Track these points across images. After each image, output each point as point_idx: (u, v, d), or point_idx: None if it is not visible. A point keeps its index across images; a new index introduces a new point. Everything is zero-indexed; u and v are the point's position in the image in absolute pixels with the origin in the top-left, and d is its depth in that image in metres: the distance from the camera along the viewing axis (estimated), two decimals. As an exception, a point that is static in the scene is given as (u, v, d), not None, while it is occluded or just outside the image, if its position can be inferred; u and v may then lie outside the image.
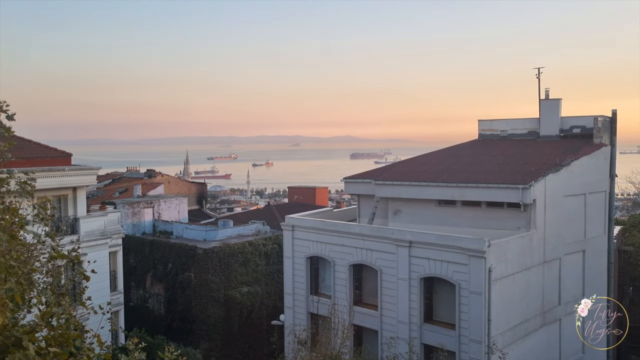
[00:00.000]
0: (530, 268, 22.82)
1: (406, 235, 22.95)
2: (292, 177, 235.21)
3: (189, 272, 34.13)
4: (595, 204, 26.19)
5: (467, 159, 27.98)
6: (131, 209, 38.90)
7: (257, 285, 35.03)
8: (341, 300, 24.55)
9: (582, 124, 27.75)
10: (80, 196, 27.25)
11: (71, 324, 6.29)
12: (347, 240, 24.89)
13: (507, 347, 20.99)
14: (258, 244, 35.77)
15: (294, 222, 27.37)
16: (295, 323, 25.32)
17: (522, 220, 23.24)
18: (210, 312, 33.31)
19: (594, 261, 26.26)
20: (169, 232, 38.68)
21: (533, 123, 29.22)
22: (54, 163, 26.11)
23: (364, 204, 28.59)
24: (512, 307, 21.91)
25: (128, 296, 35.37)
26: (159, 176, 51.16)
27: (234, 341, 34.08)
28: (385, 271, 23.56)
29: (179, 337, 32.45)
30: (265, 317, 34.57)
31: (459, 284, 21.17)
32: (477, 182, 23.95)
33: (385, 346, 21.93)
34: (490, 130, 30.80)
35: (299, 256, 26.96)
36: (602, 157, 26.39)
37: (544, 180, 23.12)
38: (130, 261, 36.61)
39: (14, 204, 5.66)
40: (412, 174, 26.91)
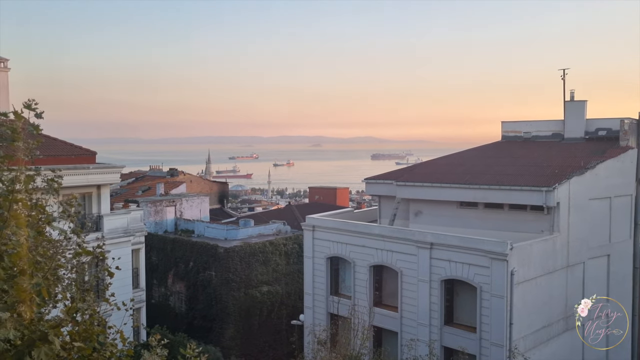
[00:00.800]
0: (553, 272, 22.49)
1: (427, 236, 22.81)
2: (313, 177, 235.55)
3: (210, 271, 34.43)
4: (620, 207, 25.67)
5: (490, 161, 27.68)
6: (154, 207, 39.39)
7: (277, 285, 35.16)
8: (361, 301, 24.52)
9: (608, 126, 27.24)
10: (104, 194, 27.68)
11: (95, 320, 6.41)
12: (368, 241, 24.84)
13: (528, 351, 20.70)
14: (278, 244, 35.90)
15: (315, 222, 27.41)
16: (315, 323, 25.36)
17: (545, 223, 22.91)
18: (230, 310, 33.55)
19: (618, 266, 25.75)
20: (191, 230, 39.07)
21: (558, 125, 28.78)
22: (79, 161, 26.58)
23: (384, 205, 28.50)
24: (534, 311, 21.61)
25: (150, 293, 35.83)
26: (181, 175, 51.72)
27: (253, 340, 34.27)
28: (405, 272, 23.45)
29: (200, 335, 32.76)
30: (285, 316, 34.69)
31: (480, 286, 20.97)
32: (500, 184, 23.68)
33: (405, 348, 21.83)
34: (513, 132, 30.43)
35: (319, 256, 26.99)
36: (628, 160, 25.86)
37: (568, 183, 22.76)
38: (152, 259, 37.07)
39: (41, 201, 5.78)
40: (433, 175, 26.74)
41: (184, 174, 52.39)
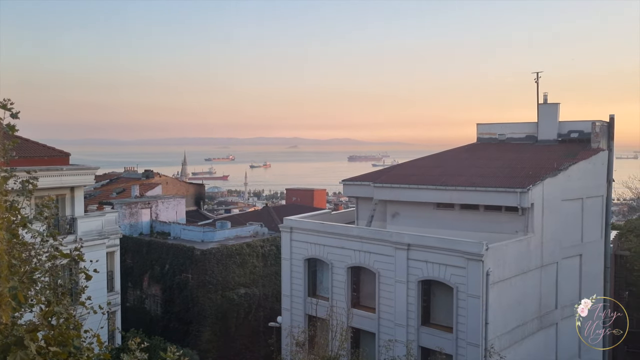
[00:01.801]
0: (527, 272, 22.86)
1: (404, 237, 22.97)
2: (290, 179, 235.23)
3: (187, 273, 34.08)
4: (592, 208, 26.23)
5: (466, 163, 28.03)
6: (129, 209, 38.84)
7: (255, 287, 35.00)
8: (339, 302, 24.56)
9: (580, 128, 27.84)
10: (77, 196, 27.21)
11: (71, 324, 6.28)
12: (345, 243, 24.89)
13: (504, 350, 20.99)
14: (256, 246, 35.75)
15: (292, 224, 27.37)
16: (292, 325, 25.30)
17: (520, 224, 23.28)
18: (207, 313, 33.25)
19: (590, 265, 26.30)
20: (167, 232, 38.63)
21: (531, 127, 29.30)
22: (52, 162, 26.07)
23: (362, 207, 28.61)
24: (509, 311, 21.93)
25: (125, 297, 35.30)
26: (157, 177, 51.12)
27: (231, 342, 34.03)
28: (383, 274, 23.57)
29: (176, 338, 32.37)
30: (262, 318, 34.53)
31: (456, 287, 21.19)
32: (476, 186, 23.98)
33: (383, 349, 21.93)
34: (488, 134, 30.87)
35: (296, 258, 26.96)
36: (600, 162, 26.46)
37: (542, 184, 23.17)
38: (127, 262, 36.54)
39: (15, 203, 5.66)
40: (410, 177, 26.95)
41: (159, 176, 51.79)
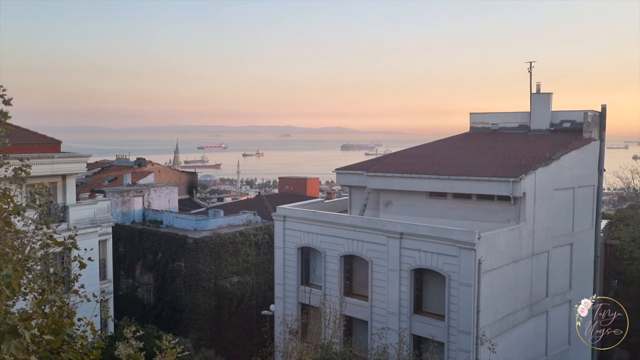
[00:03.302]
0: (519, 260, 23.04)
1: (397, 226, 23.05)
2: (283, 167, 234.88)
3: (179, 262, 34.06)
4: (583, 198, 26.44)
5: (459, 152, 28.09)
6: (121, 197, 38.66)
7: (248, 275, 35.06)
8: (332, 290, 24.67)
9: (572, 118, 27.96)
10: (69, 184, 27.04)
11: (64, 312, 6.27)
12: (338, 231, 24.96)
13: (495, 338, 21.19)
14: (249, 234, 35.75)
15: (285, 213, 27.38)
16: (285, 313, 25.40)
17: (512, 213, 23.42)
18: (200, 301, 33.30)
19: (581, 254, 26.56)
20: (159, 221, 38.52)
21: (524, 117, 29.38)
22: (43, 150, 25.86)
23: (355, 196, 28.65)
24: (500, 299, 22.13)
25: (117, 285, 35.26)
26: (149, 165, 50.84)
27: (223, 331, 34.14)
28: (376, 262, 23.67)
29: (168, 326, 32.43)
30: (255, 307, 34.63)
31: (449, 275, 21.34)
32: (468, 175, 24.07)
33: (376, 337, 22.07)
34: (482, 124, 30.93)
35: (290, 246, 27.00)
36: (591, 151, 26.62)
37: (534, 173, 23.29)
38: (119, 250, 36.46)
39: (8, 191, 5.60)
40: (403, 166, 26.99)
41: (151, 164, 51.50)
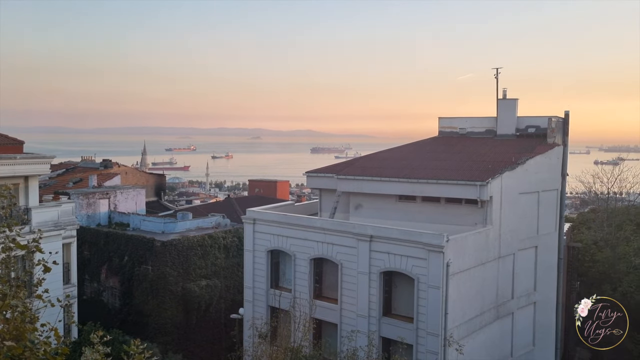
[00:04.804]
0: (486, 263, 23.42)
1: (367, 229, 23.16)
2: (253, 170, 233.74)
3: (146, 265, 33.47)
4: (547, 201, 27.06)
5: (428, 156, 28.43)
6: (86, 199, 37.81)
7: (216, 279, 34.69)
8: (302, 294, 24.61)
9: (537, 124, 28.60)
10: (32, 186, 26.33)
11: (27, 317, 6.07)
12: (309, 234, 24.92)
13: (462, 339, 21.47)
14: (218, 237, 35.40)
15: (255, 216, 27.21)
16: (255, 317, 25.23)
17: (479, 216, 23.81)
18: (167, 305, 32.79)
19: (545, 257, 27.17)
20: (126, 224, 37.81)
21: (491, 122, 29.93)
22: (5, 151, 25.11)
23: (325, 198, 28.68)
24: (468, 301, 22.44)
25: (82, 289, 34.43)
26: (116, 167, 49.86)
27: (191, 335, 33.68)
28: (345, 265, 23.72)
29: (135, 331, 31.78)
30: (224, 311, 34.29)
31: (417, 278, 21.53)
32: (437, 179, 24.37)
33: (345, 339, 22.10)
34: (450, 128, 31.37)
35: (259, 249, 26.84)
36: (555, 156, 27.28)
37: (500, 177, 23.73)
38: (84, 253, 35.61)
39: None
40: (373, 170, 27.15)
41: (118, 166, 50.52)
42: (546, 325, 27.69)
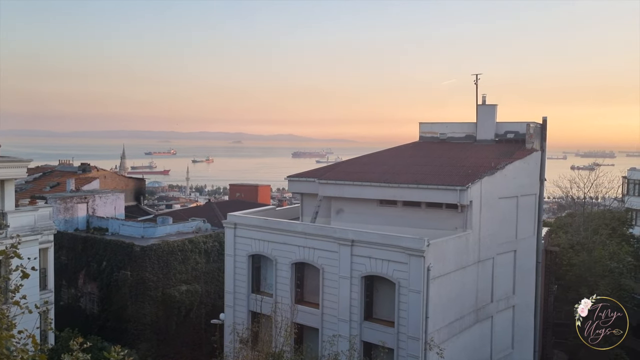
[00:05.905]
0: (466, 267, 23.65)
1: (348, 234, 23.22)
2: (234, 174, 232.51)
3: (125, 270, 33.04)
4: (526, 206, 27.45)
5: (409, 160, 28.65)
6: (63, 204, 37.22)
7: (197, 284, 34.41)
8: (283, 298, 24.53)
9: (515, 129, 29.03)
10: (8, 190, 25.86)
11: (4, 324, 5.97)
12: (290, 239, 24.89)
13: (443, 343, 21.63)
14: (198, 242, 35.13)
15: (236, 220, 27.09)
16: (236, 322, 25.07)
17: (459, 220, 24.04)
18: (147, 311, 32.40)
19: (523, 261, 27.54)
20: (104, 228, 37.30)
21: (470, 127, 30.29)
22: (-20, 154, 24.59)
23: (307, 203, 28.67)
24: (448, 305, 22.62)
25: (59, 295, 33.86)
26: (94, 171, 49.18)
27: (171, 341, 33.31)
28: (327, 269, 23.74)
29: (113, 337, 31.35)
30: (204, 316, 34.00)
31: (398, 282, 21.65)
32: (418, 183, 24.56)
33: (327, 344, 22.09)
34: (430, 133, 31.67)
35: (240, 254, 26.71)
36: (533, 161, 27.71)
37: (480, 182, 24.01)
38: (61, 259, 35.04)
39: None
40: (354, 174, 27.25)
41: (97, 170, 49.83)
42: (525, 328, 28.04)
